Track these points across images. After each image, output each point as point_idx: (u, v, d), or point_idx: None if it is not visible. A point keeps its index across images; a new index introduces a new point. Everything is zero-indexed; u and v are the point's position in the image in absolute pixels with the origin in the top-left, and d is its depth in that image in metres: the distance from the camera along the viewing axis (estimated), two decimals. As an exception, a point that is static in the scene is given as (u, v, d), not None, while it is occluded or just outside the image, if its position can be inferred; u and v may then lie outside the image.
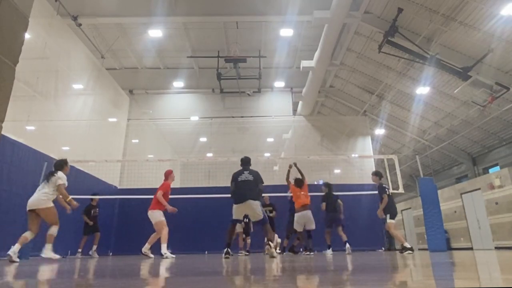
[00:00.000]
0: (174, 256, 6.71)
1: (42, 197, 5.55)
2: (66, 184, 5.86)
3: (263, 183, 6.10)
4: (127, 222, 12.15)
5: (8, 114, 1.13)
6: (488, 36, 10.21)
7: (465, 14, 10.03)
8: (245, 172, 6.12)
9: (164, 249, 6.65)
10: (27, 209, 5.51)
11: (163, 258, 6.34)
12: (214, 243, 11.00)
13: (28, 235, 5.35)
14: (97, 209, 9.87)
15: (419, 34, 11.20)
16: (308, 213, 8.07)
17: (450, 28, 10.57)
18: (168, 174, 7.68)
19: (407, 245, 7.00)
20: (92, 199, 9.79)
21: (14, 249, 5.08)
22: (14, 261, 4.96)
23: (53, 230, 5.82)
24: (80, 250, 9.37)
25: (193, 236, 11.80)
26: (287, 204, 10.45)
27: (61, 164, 6.00)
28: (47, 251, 5.84)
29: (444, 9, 10.19)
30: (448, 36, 10.97)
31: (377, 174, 7.83)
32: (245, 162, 6.35)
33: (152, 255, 6.83)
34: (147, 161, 13.21)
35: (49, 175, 5.80)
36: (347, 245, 8.10)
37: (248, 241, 9.92)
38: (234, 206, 5.84)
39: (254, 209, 5.74)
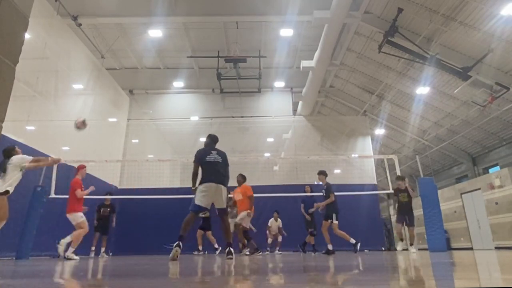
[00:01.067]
0: (77, 258, 6.33)
1: None
2: (30, 158, 5.52)
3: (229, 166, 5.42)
4: (127, 222, 12.14)
5: (8, 114, 1.14)
6: (488, 36, 10.21)
7: (465, 14, 10.02)
8: (213, 152, 5.33)
9: (70, 251, 6.30)
10: None
11: (68, 259, 6.03)
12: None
13: None
14: (108, 209, 9.92)
15: (419, 34, 11.20)
16: None
17: (450, 28, 10.57)
18: (80, 169, 7.24)
19: (353, 240, 7.29)
20: (105, 198, 9.96)
21: None
22: None
23: None
24: (93, 248, 9.48)
25: (193, 236, 11.79)
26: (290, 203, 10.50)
27: (9, 151, 5.55)
28: None
29: (444, 9, 10.19)
30: (448, 36, 10.97)
31: (323, 173, 7.96)
32: (213, 140, 5.64)
33: (77, 257, 6.38)
34: (147, 161, 13.21)
35: (2, 165, 5.32)
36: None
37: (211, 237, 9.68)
38: (200, 190, 4.96)
39: (223, 196, 5.01)
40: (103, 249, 9.70)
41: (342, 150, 14.99)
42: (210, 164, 5.15)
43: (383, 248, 12.46)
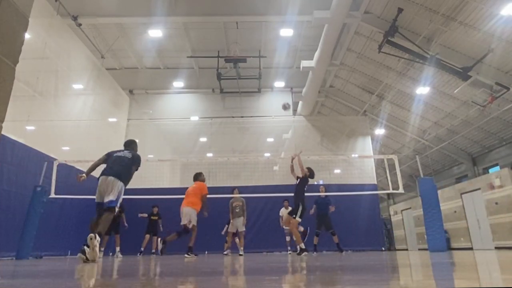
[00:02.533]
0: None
1: None
2: None
3: (137, 168, 5.21)
4: (127, 222, 12.13)
5: (8, 114, 1.13)
6: (488, 36, 10.20)
7: (465, 14, 10.02)
8: (125, 151, 5.24)
9: None
10: None
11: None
12: (214, 243, 11.01)
13: None
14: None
15: (419, 34, 11.20)
16: None
17: (450, 28, 10.57)
18: None
19: (303, 246, 6.66)
20: None
21: None
22: None
23: None
24: (102, 249, 9.51)
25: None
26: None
27: None
28: None
29: (444, 9, 10.19)
30: (448, 36, 10.96)
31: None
32: (128, 143, 5.50)
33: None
34: (147, 161, 13.20)
35: None
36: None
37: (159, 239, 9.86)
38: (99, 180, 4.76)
39: (114, 188, 4.68)
40: (118, 249, 9.75)
41: (342, 150, 15.00)
42: (116, 158, 5.02)
43: (383, 248, 12.47)
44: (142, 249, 10.35)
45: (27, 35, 1.26)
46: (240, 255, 8.48)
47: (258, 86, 14.86)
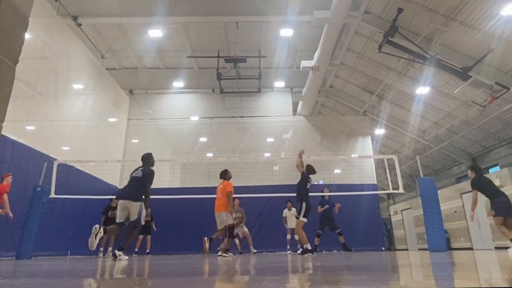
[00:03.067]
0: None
1: None
2: None
3: (151, 183, 5.83)
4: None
5: (8, 114, 1.13)
6: (488, 36, 10.20)
7: (465, 14, 10.02)
8: (139, 169, 5.94)
9: None
10: None
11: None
12: (214, 243, 11.00)
13: None
14: (115, 211, 9.97)
15: (419, 34, 11.20)
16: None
17: (450, 28, 10.57)
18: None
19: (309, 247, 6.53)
20: (111, 200, 9.96)
21: None
22: None
23: None
24: (101, 249, 9.64)
25: (194, 236, 11.81)
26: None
27: None
28: None
29: (444, 9, 10.18)
30: (448, 36, 10.96)
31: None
32: (143, 158, 6.19)
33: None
34: (147, 161, 13.19)
35: None
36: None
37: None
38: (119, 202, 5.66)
39: (132, 210, 5.55)
40: (110, 249, 9.77)
41: (342, 150, 14.99)
42: (131, 179, 5.86)
43: (383, 248, 12.47)
44: (136, 249, 10.32)
45: (27, 35, 1.26)
46: (254, 253, 8.72)
47: (258, 86, 14.85)
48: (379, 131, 17.65)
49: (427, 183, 8.35)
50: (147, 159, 6.11)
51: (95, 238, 5.05)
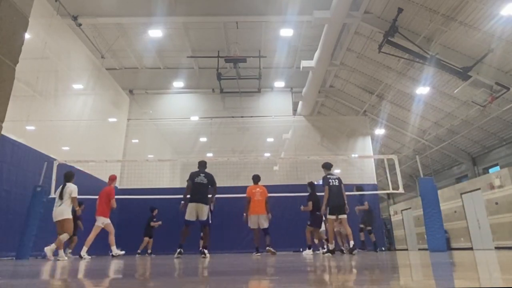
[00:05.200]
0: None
1: None
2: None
3: (215, 184, 6.66)
4: (127, 222, 12.14)
5: (8, 114, 1.13)
6: (488, 36, 10.20)
7: (465, 14, 10.02)
8: (201, 175, 6.65)
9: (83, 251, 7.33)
10: None
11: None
12: (214, 243, 11.00)
13: None
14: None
15: (419, 34, 11.19)
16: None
17: (450, 28, 10.57)
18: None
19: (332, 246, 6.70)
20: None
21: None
22: None
23: None
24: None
25: (194, 236, 11.81)
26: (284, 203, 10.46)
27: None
28: None
29: (444, 9, 10.18)
30: (448, 36, 10.96)
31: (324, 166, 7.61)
32: (202, 164, 6.91)
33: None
34: (147, 161, 13.21)
35: None
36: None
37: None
38: (188, 206, 6.36)
39: (203, 211, 6.37)
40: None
41: (342, 150, 14.99)
42: (196, 185, 6.52)
43: (383, 248, 12.47)
44: (139, 251, 10.51)
45: (27, 35, 1.26)
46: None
47: (258, 86, 14.85)
48: (379, 131, 17.65)
49: (427, 183, 8.35)
50: (204, 165, 6.92)
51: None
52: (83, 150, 10.58)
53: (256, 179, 8.05)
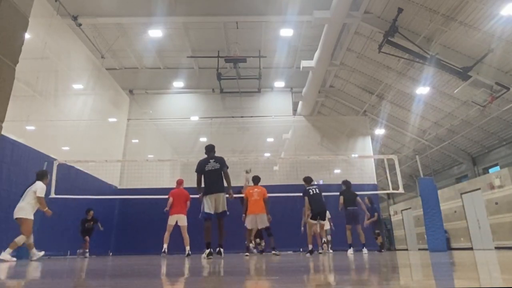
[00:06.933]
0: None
1: None
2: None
3: (228, 167, 6.00)
4: (127, 222, 12.15)
5: (8, 114, 1.13)
6: (488, 36, 10.20)
7: (465, 14, 10.02)
8: (211, 160, 5.95)
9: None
10: None
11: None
12: (214, 243, 11.00)
13: None
14: (91, 222, 9.93)
15: (419, 34, 11.20)
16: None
17: (450, 28, 10.57)
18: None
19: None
20: (87, 212, 9.95)
21: None
22: None
23: None
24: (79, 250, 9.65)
25: (194, 236, 11.80)
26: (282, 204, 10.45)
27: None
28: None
29: (444, 9, 10.18)
30: (448, 36, 10.96)
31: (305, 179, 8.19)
32: (209, 149, 6.20)
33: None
34: (147, 161, 13.21)
35: None
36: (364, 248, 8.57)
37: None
38: (205, 198, 5.73)
39: (223, 201, 5.77)
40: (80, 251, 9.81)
41: (342, 150, 15.00)
42: (209, 173, 5.81)
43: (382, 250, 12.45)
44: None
45: (27, 35, 1.26)
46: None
47: (258, 86, 14.85)
48: (379, 131, 17.65)
49: (427, 183, 8.35)
50: (213, 148, 6.28)
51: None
52: (83, 150, 10.57)
53: (255, 180, 8.04)
